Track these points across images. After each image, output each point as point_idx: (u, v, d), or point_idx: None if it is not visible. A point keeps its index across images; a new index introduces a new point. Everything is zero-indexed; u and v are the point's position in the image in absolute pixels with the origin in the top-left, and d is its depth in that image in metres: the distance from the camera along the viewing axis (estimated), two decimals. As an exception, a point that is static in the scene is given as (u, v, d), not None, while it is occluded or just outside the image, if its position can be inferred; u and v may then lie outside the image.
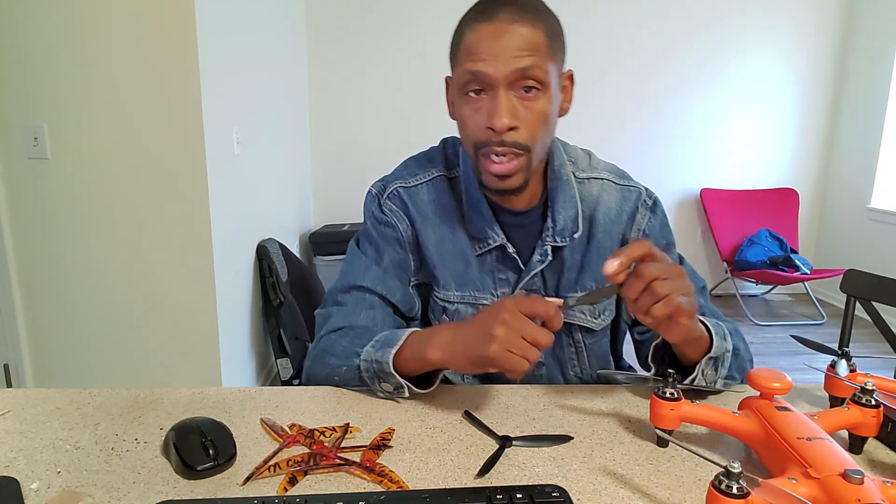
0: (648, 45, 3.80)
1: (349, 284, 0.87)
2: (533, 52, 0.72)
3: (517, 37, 0.71)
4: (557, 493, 0.54)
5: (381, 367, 0.73)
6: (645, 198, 0.90)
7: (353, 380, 0.77)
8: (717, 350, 0.73)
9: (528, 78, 0.72)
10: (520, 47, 0.71)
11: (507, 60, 0.71)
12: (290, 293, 2.54)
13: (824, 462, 0.49)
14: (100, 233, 1.90)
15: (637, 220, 0.89)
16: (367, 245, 0.90)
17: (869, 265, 3.50)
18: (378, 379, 0.74)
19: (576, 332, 0.90)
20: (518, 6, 0.72)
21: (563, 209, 0.85)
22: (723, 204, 3.93)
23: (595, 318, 0.90)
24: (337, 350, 0.80)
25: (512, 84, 0.73)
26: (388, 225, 0.88)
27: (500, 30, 0.72)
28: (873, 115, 3.67)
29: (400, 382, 0.73)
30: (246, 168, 2.32)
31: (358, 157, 3.78)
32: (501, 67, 0.72)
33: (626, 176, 0.92)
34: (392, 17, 3.63)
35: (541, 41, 0.73)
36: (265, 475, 0.58)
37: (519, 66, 0.71)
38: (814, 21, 3.85)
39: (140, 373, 2.00)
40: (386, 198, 0.89)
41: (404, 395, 0.75)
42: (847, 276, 1.28)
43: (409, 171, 0.91)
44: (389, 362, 0.72)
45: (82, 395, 0.77)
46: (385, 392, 0.75)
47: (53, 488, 0.56)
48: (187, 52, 1.79)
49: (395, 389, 0.74)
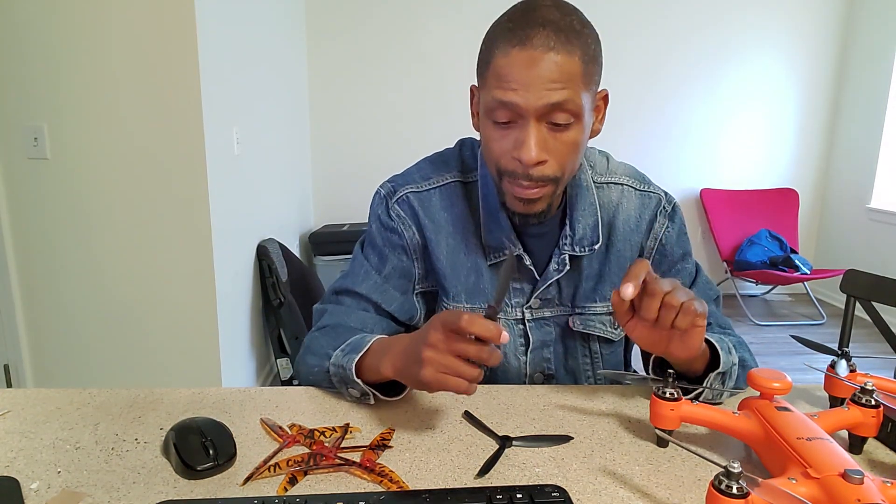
0: (648, 46, 3.80)
1: (346, 288, 0.86)
2: (567, 83, 0.67)
3: (552, 66, 0.66)
4: (557, 493, 0.54)
5: (346, 373, 0.72)
6: (664, 204, 0.87)
7: (324, 381, 0.76)
8: (725, 365, 0.72)
9: (562, 111, 0.69)
10: (554, 79, 0.67)
11: (540, 93, 0.67)
12: (290, 293, 2.54)
13: (824, 462, 0.49)
14: (100, 233, 1.90)
15: (655, 228, 0.87)
16: (370, 250, 0.88)
17: (869, 265, 3.50)
18: (344, 384, 0.73)
19: (594, 342, 0.89)
20: (555, 28, 0.67)
21: (583, 217, 0.83)
22: (723, 204, 3.93)
23: (614, 328, 0.88)
24: (316, 349, 0.79)
25: (543, 116, 0.69)
26: (393, 231, 0.85)
27: (533, 59, 0.66)
28: (873, 115, 3.67)
29: (364, 389, 0.71)
30: (246, 168, 2.32)
31: (358, 156, 3.78)
32: (532, 100, 0.67)
33: (646, 180, 0.89)
34: (392, 17, 3.63)
35: (576, 70, 0.68)
36: (265, 475, 0.58)
37: (551, 100, 0.67)
38: (814, 21, 3.85)
39: (140, 373, 2.00)
40: (395, 202, 0.86)
41: (370, 402, 0.73)
42: (847, 277, 1.28)
43: (421, 175, 0.87)
44: (352, 369, 0.71)
45: (82, 395, 0.77)
46: (352, 397, 0.74)
47: (53, 488, 0.56)
48: (187, 52, 1.79)
49: (362, 395, 0.73)
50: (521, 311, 0.87)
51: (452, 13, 3.58)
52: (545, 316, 0.88)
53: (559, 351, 0.89)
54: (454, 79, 3.60)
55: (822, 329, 3.53)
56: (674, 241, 0.87)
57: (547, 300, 0.87)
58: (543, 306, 0.87)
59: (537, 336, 0.88)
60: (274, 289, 2.50)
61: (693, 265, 0.89)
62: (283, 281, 2.52)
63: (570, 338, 0.89)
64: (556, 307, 0.87)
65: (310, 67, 3.66)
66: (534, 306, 0.87)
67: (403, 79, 3.70)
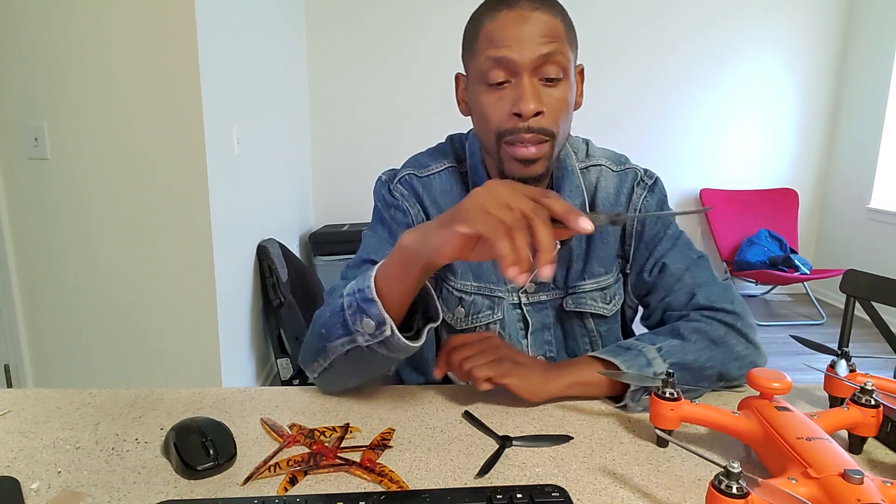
0: (648, 46, 3.80)
1: (361, 259, 0.84)
2: (555, 38, 0.72)
3: (540, 23, 0.72)
4: (557, 493, 0.54)
5: (364, 294, 0.66)
6: (643, 177, 0.89)
7: (336, 326, 0.69)
8: (635, 386, 0.71)
9: (552, 64, 0.72)
10: (542, 34, 0.72)
11: (532, 46, 0.71)
12: (290, 293, 2.54)
13: (824, 462, 0.49)
14: (100, 233, 1.90)
15: (633, 200, 0.88)
16: (379, 226, 0.88)
17: (869, 265, 3.50)
18: (360, 314, 0.66)
19: (588, 320, 0.90)
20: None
21: (569, 199, 0.85)
22: (723, 204, 3.93)
23: (606, 303, 0.90)
24: (325, 311, 0.73)
25: (535, 70, 0.73)
26: (398, 209, 0.87)
27: (522, 17, 0.72)
28: (873, 115, 3.67)
29: (382, 316, 0.64)
30: (246, 168, 2.32)
31: (358, 157, 3.78)
32: (526, 53, 0.71)
33: (623, 161, 0.91)
34: (392, 16, 3.63)
35: (560, 29, 0.73)
36: (265, 475, 0.58)
37: (542, 52, 0.71)
38: (814, 21, 3.85)
39: (140, 373, 2.00)
40: (397, 182, 0.88)
41: (386, 333, 0.65)
42: (847, 277, 1.28)
43: (420, 163, 0.90)
44: (371, 286, 0.65)
45: (82, 395, 0.77)
46: (367, 335, 0.66)
47: (53, 488, 0.56)
48: (187, 52, 1.79)
49: (378, 327, 0.65)
50: (517, 296, 0.89)
51: (452, 12, 3.57)
52: (541, 300, 0.89)
53: (558, 334, 0.91)
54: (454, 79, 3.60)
55: (821, 329, 3.53)
56: (654, 210, 0.88)
57: (542, 283, 0.88)
58: (539, 290, 0.89)
59: (536, 319, 0.90)
60: (274, 289, 2.50)
61: (676, 231, 0.89)
62: (283, 281, 2.52)
63: (567, 319, 0.90)
64: (552, 290, 0.89)
65: (310, 67, 3.66)
66: (529, 290, 0.89)
67: (403, 78, 3.70)
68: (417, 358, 0.93)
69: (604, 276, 0.89)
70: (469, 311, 0.88)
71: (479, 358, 0.73)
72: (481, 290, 0.87)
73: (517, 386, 0.72)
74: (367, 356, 0.69)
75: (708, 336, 0.78)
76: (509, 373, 0.72)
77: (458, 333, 0.89)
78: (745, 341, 0.79)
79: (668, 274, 0.86)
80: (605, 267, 0.88)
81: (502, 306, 0.88)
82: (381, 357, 0.69)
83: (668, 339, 0.78)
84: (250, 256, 2.44)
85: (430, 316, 0.71)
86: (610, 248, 0.89)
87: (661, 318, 0.87)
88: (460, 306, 0.88)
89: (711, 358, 0.76)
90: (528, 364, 0.75)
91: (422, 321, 0.71)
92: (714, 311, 0.81)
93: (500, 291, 0.88)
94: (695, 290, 0.84)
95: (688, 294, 0.84)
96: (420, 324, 0.71)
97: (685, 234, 0.90)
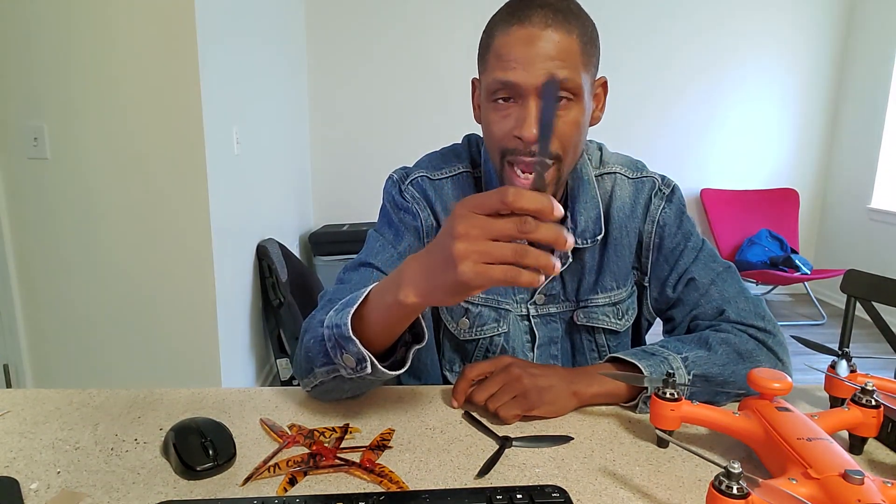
0: (649, 47, 3.80)
1: (359, 262, 0.82)
2: (565, 60, 0.68)
3: (550, 43, 0.68)
4: (557, 493, 0.54)
5: (340, 331, 0.61)
6: (660, 186, 0.86)
7: (319, 355, 0.66)
8: (650, 391, 0.70)
9: (560, 88, 0.69)
10: (552, 55, 0.68)
11: (539, 69, 0.68)
12: (289, 293, 2.54)
13: (824, 462, 0.49)
14: (99, 233, 1.90)
15: (651, 211, 0.85)
16: (385, 228, 0.86)
17: (869, 265, 3.50)
18: (339, 349, 0.62)
19: (599, 335, 0.88)
20: (553, 9, 0.69)
21: (585, 210, 0.83)
22: (723, 204, 3.93)
23: (619, 318, 0.87)
24: (312, 323, 0.71)
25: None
26: (407, 212, 0.84)
27: (532, 35, 0.68)
28: (873, 115, 3.67)
29: (361, 353, 0.60)
30: (246, 168, 2.32)
31: (358, 157, 3.78)
32: (532, 77, 0.68)
33: (639, 168, 0.88)
34: (393, 17, 3.63)
35: (574, 48, 0.69)
36: (265, 475, 0.58)
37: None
38: (814, 21, 3.85)
39: (140, 373, 2.00)
40: (408, 184, 0.85)
41: (367, 371, 0.62)
42: (847, 277, 1.28)
43: (433, 164, 0.87)
44: (347, 324, 0.60)
45: (82, 395, 0.77)
46: (348, 368, 0.63)
47: (53, 488, 0.56)
48: (187, 52, 1.79)
49: (358, 363, 0.62)
50: (525, 308, 0.87)
51: (452, 12, 3.57)
52: (550, 312, 0.87)
53: (566, 347, 0.89)
54: (455, 79, 3.60)
55: (822, 329, 3.53)
56: (672, 221, 0.85)
57: (552, 296, 0.86)
58: (548, 302, 0.87)
59: (543, 332, 0.88)
60: (274, 289, 2.50)
61: (698, 242, 0.86)
62: (282, 281, 2.52)
63: (577, 333, 0.88)
64: (562, 303, 0.87)
65: (310, 67, 3.66)
66: (538, 302, 0.87)
67: (404, 78, 3.70)
68: (416, 364, 0.91)
69: (616, 291, 0.87)
70: (474, 323, 0.86)
71: (504, 395, 0.70)
72: (488, 302, 0.85)
73: (547, 412, 0.70)
74: (354, 380, 0.67)
75: (736, 349, 0.76)
76: (535, 404, 0.69)
77: (460, 343, 0.88)
78: (776, 359, 0.77)
79: (693, 288, 0.83)
80: (617, 281, 0.86)
81: (508, 319, 0.86)
82: (368, 381, 0.68)
83: (695, 349, 0.75)
84: (250, 256, 2.44)
85: (417, 333, 0.68)
86: (624, 262, 0.86)
87: (687, 329, 0.84)
88: (465, 317, 0.86)
89: (735, 373, 0.74)
90: (551, 385, 0.71)
91: (409, 336, 0.69)
92: (745, 326, 0.79)
93: (508, 304, 0.86)
94: (723, 305, 0.81)
95: (716, 309, 0.81)
96: (408, 338, 0.69)
97: (707, 243, 0.87)
